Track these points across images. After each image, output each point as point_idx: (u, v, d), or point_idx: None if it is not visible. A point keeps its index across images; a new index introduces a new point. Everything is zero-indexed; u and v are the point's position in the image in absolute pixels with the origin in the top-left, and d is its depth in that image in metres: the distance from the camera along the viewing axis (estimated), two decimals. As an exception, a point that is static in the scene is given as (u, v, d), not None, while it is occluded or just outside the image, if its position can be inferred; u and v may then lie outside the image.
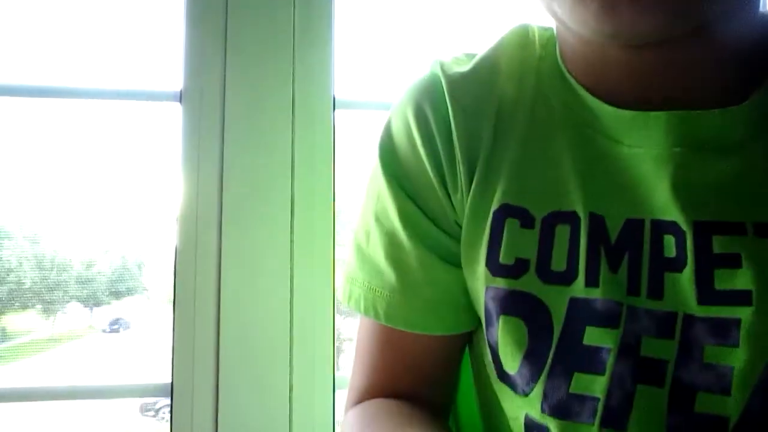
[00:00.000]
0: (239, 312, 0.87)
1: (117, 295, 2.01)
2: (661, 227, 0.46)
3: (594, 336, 0.45)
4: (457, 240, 0.53)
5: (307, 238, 0.87)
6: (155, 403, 1.53)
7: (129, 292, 1.89)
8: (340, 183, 0.92)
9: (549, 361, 0.48)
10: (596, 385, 0.45)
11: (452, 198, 0.53)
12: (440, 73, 0.53)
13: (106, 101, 0.91)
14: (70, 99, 0.89)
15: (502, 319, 0.49)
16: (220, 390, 0.85)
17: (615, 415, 0.45)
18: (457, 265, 0.53)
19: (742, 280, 0.43)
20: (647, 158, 0.46)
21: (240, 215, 0.86)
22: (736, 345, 0.42)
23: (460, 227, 0.53)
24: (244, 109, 0.88)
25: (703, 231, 0.44)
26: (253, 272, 0.87)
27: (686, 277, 0.44)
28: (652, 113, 0.46)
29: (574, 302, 0.47)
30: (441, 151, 0.52)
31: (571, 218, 0.48)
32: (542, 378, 0.48)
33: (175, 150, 0.87)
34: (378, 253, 0.54)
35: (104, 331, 2.04)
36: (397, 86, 0.59)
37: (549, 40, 0.53)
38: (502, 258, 0.49)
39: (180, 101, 0.87)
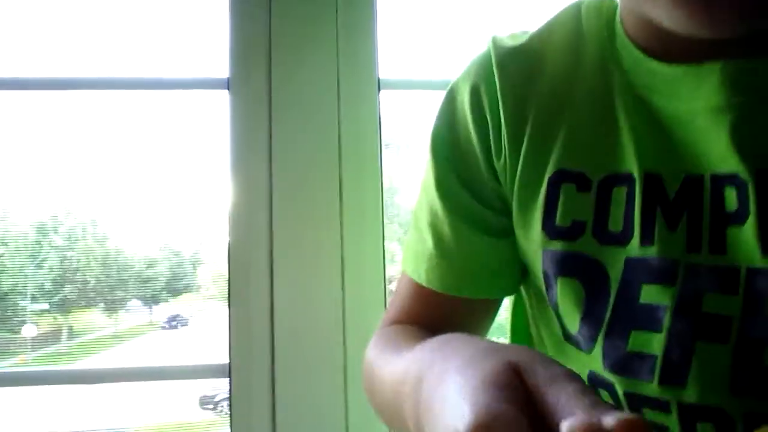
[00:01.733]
0: (293, 300, 0.87)
1: (174, 292, 2.06)
2: (722, 181, 0.45)
3: (650, 294, 0.45)
4: (498, 212, 0.55)
5: (356, 221, 0.87)
6: (214, 397, 1.56)
7: (186, 289, 1.94)
8: (387, 164, 0.92)
9: (606, 320, 0.48)
10: (654, 343, 0.45)
11: (496, 165, 0.54)
12: (492, 48, 0.55)
13: (155, 92, 0.92)
14: (120, 90, 0.91)
15: (559, 281, 0.50)
16: (276, 372, 0.85)
17: (674, 371, 0.45)
18: (494, 235, 0.55)
19: None
20: (704, 111, 0.46)
21: (289, 201, 0.86)
22: None
23: (503, 200, 0.54)
24: (291, 94, 0.88)
25: (765, 180, 0.43)
26: (304, 258, 0.87)
27: (749, 229, 0.43)
28: (706, 65, 0.45)
29: (629, 262, 0.47)
30: (488, 120, 0.53)
31: (628, 180, 0.48)
32: (600, 337, 0.48)
33: (224, 138, 0.88)
34: (423, 220, 0.58)
35: (163, 327, 2.08)
36: (441, 65, 0.61)
37: (608, 10, 0.53)
38: (559, 221, 0.50)
39: (228, 88, 0.88)
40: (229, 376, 0.84)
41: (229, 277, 0.84)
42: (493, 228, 0.55)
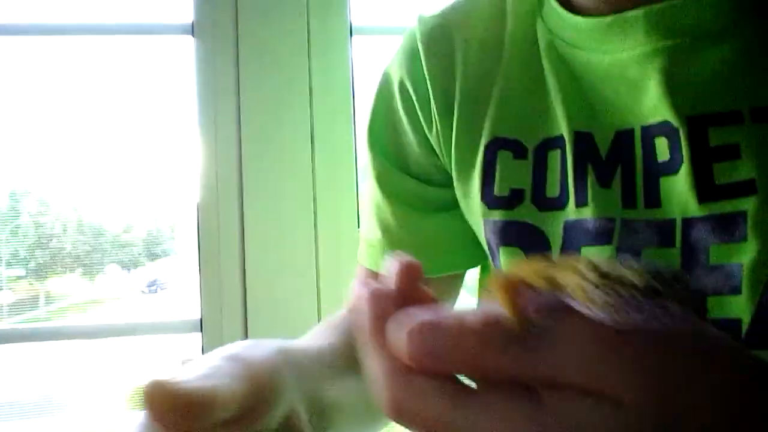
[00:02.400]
0: (264, 252, 0.85)
1: (152, 256, 2.04)
2: (652, 131, 0.44)
3: (590, 255, 0.44)
4: (442, 185, 0.55)
5: (328, 168, 0.85)
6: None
7: (164, 253, 1.92)
8: (359, 111, 0.89)
9: None
10: None
11: (430, 138, 0.54)
12: (417, 27, 0.55)
13: (116, 37, 0.89)
14: (80, 36, 0.87)
15: (501, 250, 0.49)
16: (249, 324, 0.84)
17: None
18: (442, 210, 0.55)
19: (743, 170, 0.41)
20: (631, 62, 0.44)
21: (259, 152, 0.84)
22: (744, 239, 0.40)
23: (445, 173, 0.54)
24: (259, 39, 0.85)
25: (697, 125, 0.42)
26: (275, 210, 0.85)
27: (683, 178, 0.42)
28: (630, 13, 0.44)
29: (567, 225, 0.46)
30: (414, 99, 0.54)
31: (560, 142, 0.47)
32: None
33: (190, 85, 0.85)
34: (368, 211, 0.58)
35: (142, 292, 2.08)
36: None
37: None
38: (497, 190, 0.49)
39: (192, 34, 0.84)
40: (201, 331, 0.83)
41: (198, 231, 0.82)
42: (440, 204, 0.55)
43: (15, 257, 2.34)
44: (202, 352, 0.84)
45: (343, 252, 0.86)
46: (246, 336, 0.84)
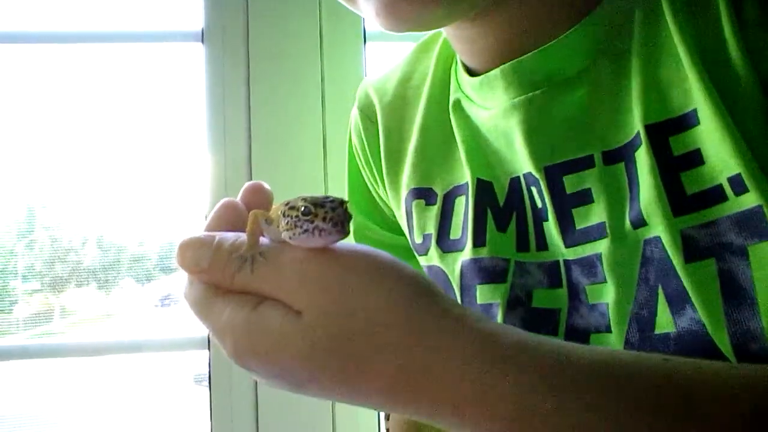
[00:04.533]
0: None
1: (166, 270, 2.04)
2: (528, 180, 0.47)
3: (484, 293, 0.47)
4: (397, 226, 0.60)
5: (341, 176, 0.82)
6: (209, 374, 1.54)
7: (178, 267, 1.91)
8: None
9: None
10: None
11: (380, 192, 0.60)
12: (358, 93, 0.62)
13: (126, 45, 0.87)
14: (90, 44, 0.85)
15: None
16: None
17: None
18: (413, 256, 0.57)
19: (596, 213, 0.43)
20: (499, 116, 0.48)
21: (270, 156, 0.81)
22: (603, 280, 0.42)
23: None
24: (270, 46, 0.83)
25: (553, 174, 0.45)
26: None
27: (552, 224, 0.45)
28: (491, 72, 0.47)
29: (463, 265, 0.49)
30: (362, 158, 0.61)
31: (465, 189, 0.50)
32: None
33: (200, 93, 0.83)
34: None
35: (156, 306, 2.08)
36: None
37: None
38: (416, 237, 0.53)
39: (202, 41, 0.82)
40: (209, 348, 0.80)
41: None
42: (412, 251, 0.57)
43: (31, 271, 2.36)
44: (210, 369, 0.81)
45: None
46: None
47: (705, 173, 0.39)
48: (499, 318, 0.46)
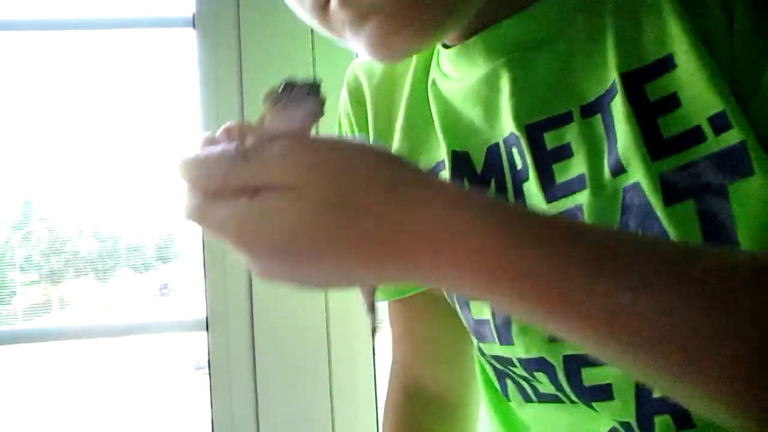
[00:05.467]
0: None
1: (164, 259, 2.05)
2: (508, 143, 0.47)
3: None
4: None
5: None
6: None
7: (175, 256, 1.93)
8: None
9: (448, 296, 0.54)
10: (484, 309, 0.49)
11: None
12: (347, 76, 0.63)
13: (117, 32, 0.87)
14: (82, 31, 0.85)
15: None
16: (255, 321, 0.81)
17: (502, 332, 0.48)
18: None
19: (575, 166, 0.44)
20: (480, 83, 0.48)
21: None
22: None
23: None
24: (261, 31, 0.82)
25: (534, 132, 0.45)
26: None
27: (532, 182, 0.46)
28: (469, 40, 0.48)
29: None
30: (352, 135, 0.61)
31: (443, 164, 0.51)
32: (458, 309, 0.53)
33: (192, 80, 0.82)
34: None
35: (155, 295, 2.08)
36: None
37: None
38: None
39: (193, 26, 0.82)
40: (207, 330, 0.80)
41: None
42: None
43: (29, 262, 2.36)
44: (209, 352, 0.82)
45: None
46: (253, 335, 0.81)
47: (682, 116, 0.39)
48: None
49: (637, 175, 0.40)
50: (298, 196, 0.32)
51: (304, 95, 0.34)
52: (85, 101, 1.08)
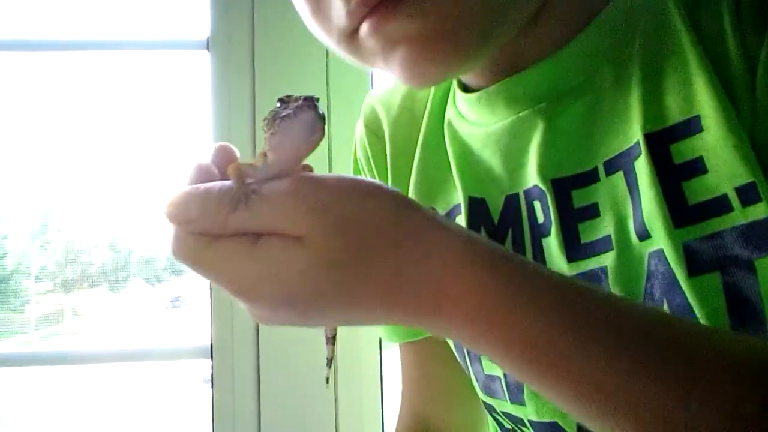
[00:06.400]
0: None
1: (176, 272, 2.04)
2: (530, 195, 0.46)
3: None
4: None
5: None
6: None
7: (188, 269, 1.91)
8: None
9: (457, 349, 0.52)
10: (495, 365, 0.48)
11: None
12: (363, 110, 0.61)
13: (134, 52, 0.87)
14: (97, 52, 0.86)
15: None
16: (261, 349, 0.80)
17: (514, 391, 0.47)
18: None
19: (602, 227, 0.42)
20: (502, 132, 0.47)
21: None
22: None
23: None
24: (275, 55, 0.83)
25: (561, 188, 0.44)
26: None
27: (554, 239, 0.44)
28: (491, 87, 0.47)
29: None
30: (367, 174, 0.60)
31: (460, 209, 0.50)
32: (468, 364, 0.52)
33: (206, 101, 0.83)
34: None
35: (166, 307, 2.08)
36: None
37: None
38: None
39: (207, 49, 0.83)
40: (211, 357, 0.80)
41: None
42: None
43: (44, 271, 2.37)
44: (212, 378, 0.81)
45: None
46: (258, 361, 0.81)
47: (708, 182, 0.37)
48: None
49: (660, 241, 0.39)
50: (304, 248, 0.31)
51: (301, 107, 0.33)
52: (103, 119, 1.09)
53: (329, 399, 0.82)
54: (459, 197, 0.50)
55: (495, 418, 0.53)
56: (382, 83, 0.90)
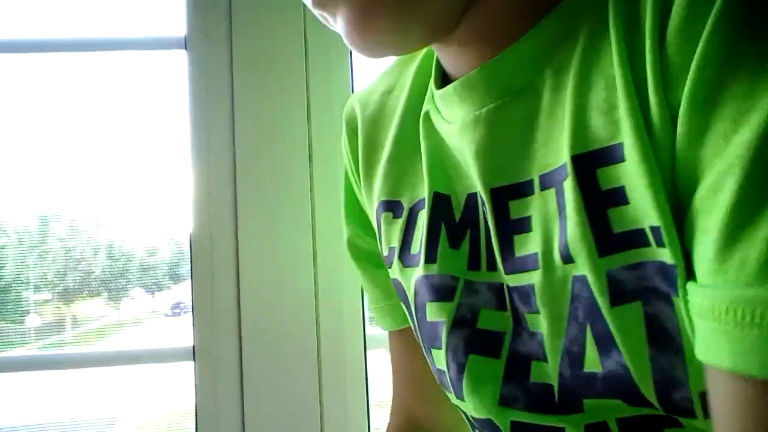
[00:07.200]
0: (261, 274, 0.81)
1: (176, 279, 2.04)
2: (479, 199, 0.46)
3: (433, 311, 0.47)
4: None
5: (326, 187, 0.80)
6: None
7: (188, 275, 1.92)
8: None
9: (419, 339, 0.51)
10: (441, 359, 0.47)
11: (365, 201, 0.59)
12: (345, 107, 0.61)
13: (111, 53, 0.86)
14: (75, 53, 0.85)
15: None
16: (244, 351, 0.79)
17: (455, 385, 0.46)
18: None
19: (532, 243, 0.41)
20: (460, 129, 0.45)
21: (254, 165, 0.79)
22: (537, 311, 0.41)
23: None
24: (254, 53, 0.81)
25: (499, 197, 0.43)
26: (272, 223, 0.81)
27: (495, 248, 0.44)
28: (452, 84, 0.45)
29: (417, 281, 0.48)
30: (351, 168, 0.60)
31: (424, 203, 0.49)
32: (425, 356, 0.51)
33: (184, 101, 0.81)
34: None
35: (167, 315, 2.10)
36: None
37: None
38: (383, 249, 0.53)
39: (185, 48, 0.81)
40: (194, 359, 0.78)
41: (191, 255, 0.78)
42: None
43: (43, 281, 2.40)
44: (195, 381, 0.80)
45: (343, 275, 0.81)
46: (241, 365, 0.79)
47: (629, 214, 0.36)
48: (444, 337, 0.46)
49: (584, 268, 0.38)
50: None
51: None
52: (93, 122, 1.09)
53: (314, 401, 0.81)
54: (425, 191, 0.49)
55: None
56: (362, 82, 0.88)
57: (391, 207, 0.52)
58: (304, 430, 0.79)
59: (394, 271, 0.52)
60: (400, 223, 0.51)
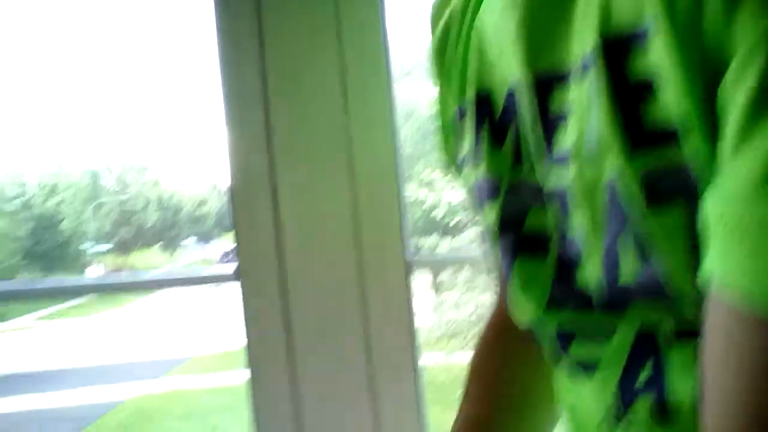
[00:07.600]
0: (300, 204, 0.80)
1: (226, 228, 2.94)
2: (521, 89, 0.40)
3: (486, 213, 0.45)
4: None
5: (364, 133, 0.79)
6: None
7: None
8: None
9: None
10: (499, 260, 0.46)
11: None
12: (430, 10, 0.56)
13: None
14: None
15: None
16: (289, 273, 0.80)
17: (506, 289, 0.46)
18: None
19: (567, 138, 0.37)
20: (503, 9, 0.41)
21: (288, 95, 0.78)
22: (571, 215, 0.38)
23: None
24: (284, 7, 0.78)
25: (538, 85, 0.39)
26: (308, 157, 0.79)
27: (534, 144, 0.40)
28: None
29: (475, 184, 0.46)
30: (437, 63, 0.53)
31: (467, 109, 0.47)
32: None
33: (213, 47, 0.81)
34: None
35: (217, 263, 3.26)
36: None
37: None
38: (459, 155, 0.50)
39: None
40: (239, 279, 0.80)
41: (233, 202, 0.80)
42: None
43: (100, 233, 3.41)
44: (243, 301, 0.81)
45: (381, 217, 0.80)
46: (285, 285, 0.81)
47: (661, 108, 0.31)
48: (494, 238, 0.44)
49: (615, 166, 0.33)
50: None
51: None
52: (131, 70, 3.61)
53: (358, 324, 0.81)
54: (471, 94, 0.45)
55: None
56: (395, 26, 0.87)
57: (461, 111, 0.48)
58: (349, 352, 0.81)
59: (466, 176, 0.48)
60: (462, 126, 0.47)
